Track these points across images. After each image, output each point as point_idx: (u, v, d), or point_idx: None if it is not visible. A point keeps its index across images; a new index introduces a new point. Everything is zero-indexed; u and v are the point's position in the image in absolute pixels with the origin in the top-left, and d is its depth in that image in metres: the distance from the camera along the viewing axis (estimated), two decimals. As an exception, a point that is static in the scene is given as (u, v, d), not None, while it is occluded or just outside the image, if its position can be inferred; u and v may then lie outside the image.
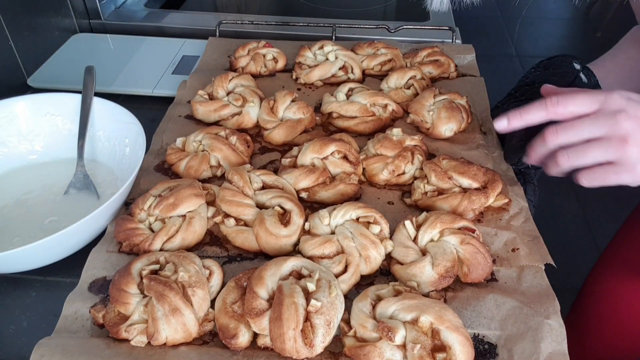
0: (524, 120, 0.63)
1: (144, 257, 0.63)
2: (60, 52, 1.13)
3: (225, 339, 0.56)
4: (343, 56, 1.02)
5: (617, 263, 0.96)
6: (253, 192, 0.72)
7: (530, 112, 0.62)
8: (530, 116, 0.63)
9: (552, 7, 4.21)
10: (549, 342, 0.57)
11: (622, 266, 0.93)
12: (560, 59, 0.87)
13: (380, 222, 0.68)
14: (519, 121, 0.63)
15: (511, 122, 0.64)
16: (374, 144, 0.81)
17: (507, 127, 0.64)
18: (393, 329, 0.53)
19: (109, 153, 0.83)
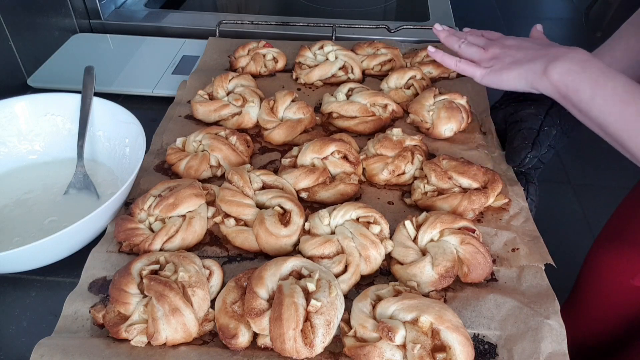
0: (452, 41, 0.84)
1: (144, 257, 0.63)
2: (60, 52, 1.13)
3: (225, 339, 0.56)
4: (343, 56, 1.02)
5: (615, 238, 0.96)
6: (253, 192, 0.72)
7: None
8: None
9: (552, 7, 4.21)
10: (549, 342, 0.57)
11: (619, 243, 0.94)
12: None
13: (380, 222, 0.68)
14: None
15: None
16: (374, 144, 0.81)
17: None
18: (393, 329, 0.53)
19: (109, 153, 0.83)
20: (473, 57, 0.80)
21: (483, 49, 0.79)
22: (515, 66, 0.73)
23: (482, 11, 3.98)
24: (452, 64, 0.81)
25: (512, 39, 0.79)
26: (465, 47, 0.81)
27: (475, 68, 0.78)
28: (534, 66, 0.71)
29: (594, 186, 2.37)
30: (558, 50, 0.72)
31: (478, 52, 0.79)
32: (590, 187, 2.37)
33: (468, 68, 0.79)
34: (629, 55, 0.84)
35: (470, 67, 0.79)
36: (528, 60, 0.72)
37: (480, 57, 0.78)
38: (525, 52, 0.74)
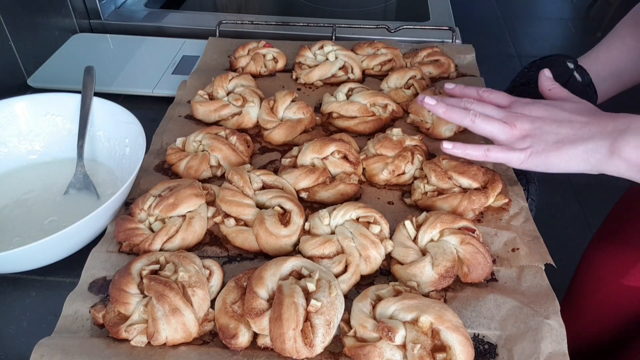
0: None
1: (144, 257, 0.63)
2: (60, 52, 1.13)
3: (225, 339, 0.56)
4: (343, 56, 1.02)
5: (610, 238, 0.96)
6: (253, 192, 0.72)
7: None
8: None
9: (552, 7, 4.21)
10: (549, 342, 0.57)
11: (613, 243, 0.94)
12: (554, 59, 0.87)
13: (380, 222, 0.68)
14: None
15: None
16: (374, 144, 0.81)
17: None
18: (393, 329, 0.53)
19: (109, 153, 0.83)
20: (497, 136, 0.66)
21: (506, 123, 0.65)
22: (566, 147, 0.62)
23: (482, 11, 3.98)
24: (480, 154, 0.66)
25: (535, 105, 0.67)
26: (482, 122, 0.66)
27: (510, 153, 0.64)
28: (594, 146, 0.61)
29: (594, 186, 2.37)
30: (612, 119, 0.62)
31: (503, 130, 0.65)
32: (590, 187, 2.37)
33: (502, 155, 0.65)
34: (626, 54, 0.84)
35: (504, 153, 0.64)
36: (582, 138, 0.61)
37: (509, 137, 0.65)
38: (570, 126, 0.63)
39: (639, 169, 0.59)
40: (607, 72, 0.85)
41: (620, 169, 0.60)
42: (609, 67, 0.85)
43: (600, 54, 0.86)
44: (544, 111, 0.66)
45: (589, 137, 0.61)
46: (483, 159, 0.66)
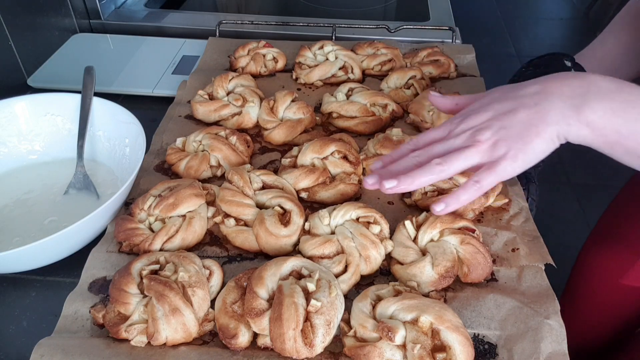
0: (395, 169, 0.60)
1: (144, 257, 0.63)
2: (60, 52, 1.13)
3: (225, 339, 0.56)
4: (343, 56, 1.02)
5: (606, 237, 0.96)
6: (253, 192, 0.72)
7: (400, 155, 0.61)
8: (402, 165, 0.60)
9: (552, 7, 4.21)
10: (549, 342, 0.57)
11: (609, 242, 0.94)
12: (551, 57, 0.87)
13: (380, 222, 0.68)
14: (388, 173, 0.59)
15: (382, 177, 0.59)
16: (374, 144, 0.81)
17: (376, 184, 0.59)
18: (393, 329, 0.53)
19: (109, 153, 0.83)
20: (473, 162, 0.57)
21: (469, 145, 0.56)
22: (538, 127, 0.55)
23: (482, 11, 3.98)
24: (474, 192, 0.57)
25: (474, 113, 0.59)
26: (450, 162, 0.56)
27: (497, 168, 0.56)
28: (560, 116, 0.54)
29: (594, 186, 2.37)
30: (563, 82, 0.56)
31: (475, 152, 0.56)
32: (590, 187, 2.37)
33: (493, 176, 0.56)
34: (621, 49, 0.84)
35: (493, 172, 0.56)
36: (545, 111, 0.55)
37: (483, 154, 0.56)
38: (524, 107, 0.56)
39: (603, 137, 0.54)
40: (603, 69, 0.85)
41: (587, 138, 0.55)
42: (605, 64, 0.85)
43: (596, 51, 0.86)
44: (487, 112, 0.58)
45: (553, 107, 0.55)
46: (480, 193, 0.57)
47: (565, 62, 0.85)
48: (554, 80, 0.57)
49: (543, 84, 0.57)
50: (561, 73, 0.58)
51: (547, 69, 0.86)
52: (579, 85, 0.55)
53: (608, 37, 0.86)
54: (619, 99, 0.53)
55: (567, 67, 0.85)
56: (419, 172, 0.57)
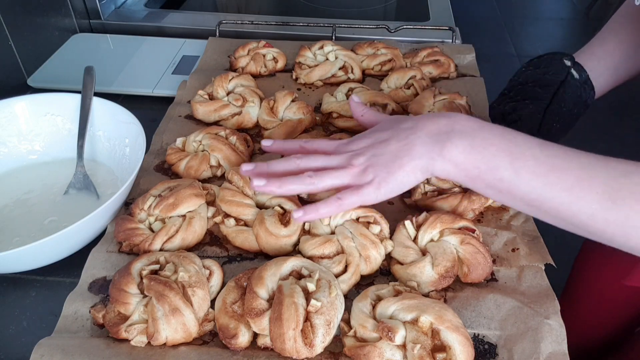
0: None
1: (144, 257, 0.63)
2: (60, 52, 1.13)
3: (225, 339, 0.56)
4: (343, 56, 1.02)
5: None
6: (253, 192, 0.72)
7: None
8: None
9: (552, 7, 4.21)
10: (549, 342, 0.57)
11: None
12: (551, 57, 0.87)
13: (380, 222, 0.68)
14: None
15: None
16: (374, 144, 0.81)
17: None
18: (393, 329, 0.53)
19: (109, 153, 0.83)
20: (342, 184, 0.60)
21: (344, 167, 0.60)
22: (404, 159, 0.59)
23: (482, 11, 3.98)
24: (334, 208, 0.61)
25: (359, 138, 0.64)
26: (321, 180, 0.60)
27: (360, 191, 0.59)
28: (425, 150, 0.58)
29: (594, 186, 2.36)
30: (433, 121, 0.60)
31: (345, 175, 0.60)
32: (590, 187, 2.36)
33: (355, 197, 0.59)
34: (621, 47, 0.84)
35: (356, 194, 0.59)
36: (413, 145, 0.59)
37: (352, 178, 0.60)
38: (397, 139, 0.60)
39: (464, 172, 0.58)
40: (603, 67, 0.85)
41: (450, 172, 0.59)
42: (605, 62, 0.85)
43: (595, 49, 0.86)
44: (368, 139, 0.63)
45: (419, 143, 0.59)
46: (339, 210, 0.61)
47: (565, 61, 0.85)
48: (426, 119, 0.61)
49: (416, 120, 0.62)
50: (435, 114, 0.63)
51: (547, 69, 0.86)
52: (445, 124, 0.59)
53: (608, 36, 0.86)
54: (479, 137, 0.57)
55: (566, 66, 0.85)
56: (290, 180, 0.60)
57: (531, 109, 0.84)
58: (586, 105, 0.86)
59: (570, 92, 0.84)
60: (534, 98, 0.84)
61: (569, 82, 0.84)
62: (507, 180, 0.56)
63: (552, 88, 0.84)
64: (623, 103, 2.62)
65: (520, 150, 0.57)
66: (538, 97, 0.79)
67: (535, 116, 0.83)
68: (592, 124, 2.60)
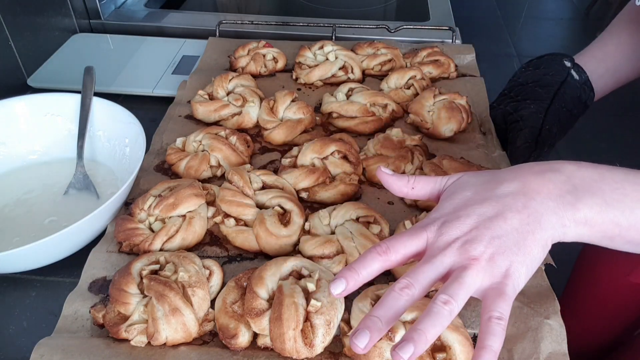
0: (362, 277, 0.49)
1: (144, 257, 0.63)
2: (60, 52, 1.13)
3: (225, 339, 0.56)
4: (343, 56, 1.02)
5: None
6: (253, 192, 0.72)
7: (366, 266, 0.49)
8: (367, 271, 0.49)
9: (552, 7, 4.21)
10: (549, 342, 0.57)
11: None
12: (550, 58, 0.87)
13: (380, 222, 0.68)
14: (356, 280, 0.49)
15: (349, 283, 0.49)
16: (374, 144, 0.81)
17: (346, 289, 0.49)
18: (393, 329, 0.53)
19: (109, 153, 0.83)
20: (475, 283, 0.46)
21: (464, 266, 0.46)
22: (532, 237, 0.48)
23: (482, 11, 3.98)
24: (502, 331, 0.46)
25: (454, 217, 0.50)
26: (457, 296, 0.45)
27: (504, 299, 0.45)
28: (555, 219, 0.48)
29: (594, 186, 2.36)
30: (544, 178, 0.50)
31: (476, 274, 0.46)
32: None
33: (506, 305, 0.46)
34: (621, 50, 0.84)
35: (506, 302, 0.46)
36: (537, 217, 0.48)
37: (484, 275, 0.46)
38: (513, 212, 0.48)
39: (602, 233, 0.50)
40: (603, 69, 0.85)
41: (584, 236, 0.50)
42: (605, 64, 0.85)
43: (596, 51, 0.86)
44: (468, 218, 0.49)
45: (545, 210, 0.48)
46: (504, 329, 0.46)
47: (565, 62, 0.85)
48: (530, 175, 0.51)
49: (521, 180, 0.51)
50: (529, 165, 0.52)
51: (547, 69, 0.86)
52: (562, 181, 0.50)
53: (608, 38, 0.86)
54: (608, 189, 0.49)
55: (566, 66, 0.85)
56: (428, 323, 0.44)
57: (532, 109, 0.84)
58: (585, 106, 0.86)
59: (570, 92, 0.84)
60: (535, 98, 0.84)
61: (569, 83, 0.84)
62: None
63: (553, 88, 0.84)
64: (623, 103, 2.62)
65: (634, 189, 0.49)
66: (539, 97, 0.79)
67: (536, 116, 0.83)
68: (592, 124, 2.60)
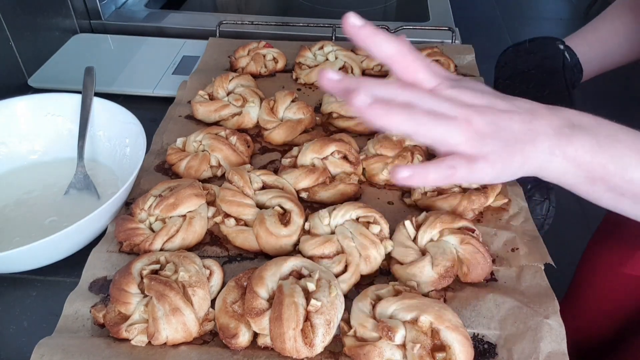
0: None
1: (144, 257, 0.63)
2: (61, 52, 1.13)
3: (225, 338, 0.56)
4: (343, 56, 1.02)
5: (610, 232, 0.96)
6: (253, 192, 0.72)
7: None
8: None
9: (552, 7, 4.21)
10: (549, 341, 0.57)
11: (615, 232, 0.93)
12: (543, 41, 0.87)
13: (380, 222, 0.68)
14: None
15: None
16: (374, 144, 0.81)
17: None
18: (393, 329, 0.53)
19: (109, 153, 0.83)
20: (450, 140, 0.47)
21: (458, 121, 0.46)
22: (524, 147, 0.48)
23: (482, 11, 3.98)
24: (443, 175, 0.47)
25: (469, 88, 0.50)
26: (430, 124, 0.46)
27: (476, 165, 0.47)
28: (547, 144, 0.49)
29: (594, 186, 2.36)
30: (552, 112, 0.50)
31: (459, 131, 0.46)
32: (590, 187, 2.36)
33: (467, 171, 0.47)
34: (613, 37, 0.84)
35: (470, 168, 0.47)
36: (536, 134, 0.49)
37: (466, 141, 0.47)
38: (520, 119, 0.49)
39: (586, 172, 0.49)
40: (593, 53, 0.85)
41: (567, 173, 0.50)
42: (596, 49, 0.85)
43: (588, 35, 0.86)
44: (483, 96, 0.49)
45: (543, 132, 0.49)
46: (447, 181, 0.48)
47: (558, 45, 0.85)
48: (539, 106, 0.51)
49: (532, 103, 0.51)
50: (545, 105, 0.52)
51: (543, 53, 0.85)
52: (564, 117, 0.50)
53: (602, 24, 0.86)
54: (603, 133, 0.50)
55: (560, 49, 0.84)
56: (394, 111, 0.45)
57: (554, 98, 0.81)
58: (573, 87, 0.85)
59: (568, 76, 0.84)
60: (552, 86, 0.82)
61: (566, 67, 0.83)
62: (637, 182, 0.49)
63: (560, 75, 0.83)
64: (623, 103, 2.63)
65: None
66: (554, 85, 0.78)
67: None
68: (592, 124, 2.60)
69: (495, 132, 0.47)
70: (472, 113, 0.47)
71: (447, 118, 0.47)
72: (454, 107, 0.47)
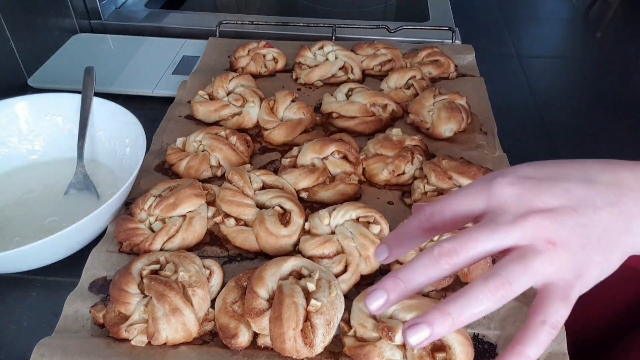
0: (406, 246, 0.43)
1: (144, 257, 0.63)
2: (61, 52, 1.13)
3: (225, 338, 0.56)
4: (343, 56, 1.02)
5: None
6: (253, 192, 0.72)
7: (408, 234, 0.42)
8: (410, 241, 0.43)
9: (552, 7, 4.21)
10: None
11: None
12: None
13: (380, 222, 0.68)
14: (400, 248, 0.43)
15: (393, 251, 0.42)
16: (374, 144, 0.81)
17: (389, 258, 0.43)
18: (393, 329, 0.53)
19: (109, 153, 0.83)
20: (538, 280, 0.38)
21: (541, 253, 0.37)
22: (618, 241, 0.38)
23: (482, 11, 3.98)
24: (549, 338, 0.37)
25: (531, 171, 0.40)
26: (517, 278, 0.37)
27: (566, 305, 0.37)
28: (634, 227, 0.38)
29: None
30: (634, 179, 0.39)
31: (548, 264, 0.37)
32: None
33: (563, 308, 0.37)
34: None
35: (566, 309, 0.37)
36: (623, 217, 0.38)
37: (557, 269, 0.37)
38: (601, 200, 0.38)
39: None
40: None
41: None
42: None
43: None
44: (558, 187, 0.39)
45: (636, 212, 0.38)
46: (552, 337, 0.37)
47: None
48: (621, 169, 0.40)
49: (612, 170, 0.40)
50: (608, 160, 0.42)
51: None
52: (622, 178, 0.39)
53: None
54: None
55: None
56: (463, 303, 0.36)
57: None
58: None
59: None
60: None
61: None
62: None
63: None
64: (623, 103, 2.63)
65: None
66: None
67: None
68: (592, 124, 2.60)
69: (584, 235, 0.37)
70: (550, 226, 0.37)
71: (524, 257, 0.37)
72: (522, 231, 0.38)
